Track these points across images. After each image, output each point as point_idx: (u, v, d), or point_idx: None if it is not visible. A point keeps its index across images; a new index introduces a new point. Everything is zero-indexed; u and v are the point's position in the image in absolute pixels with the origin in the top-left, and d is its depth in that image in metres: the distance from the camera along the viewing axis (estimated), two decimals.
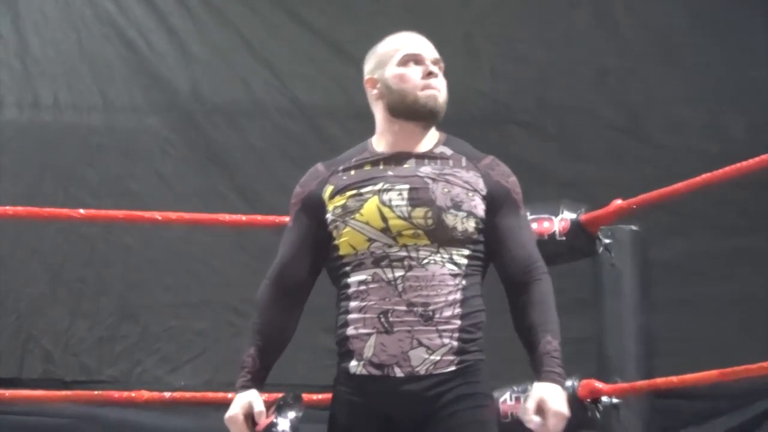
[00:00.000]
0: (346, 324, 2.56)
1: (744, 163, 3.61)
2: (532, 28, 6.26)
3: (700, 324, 5.68)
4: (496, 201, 2.59)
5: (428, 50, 2.65)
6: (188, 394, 4.76)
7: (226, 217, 4.64)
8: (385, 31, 2.78)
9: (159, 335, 5.73)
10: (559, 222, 3.86)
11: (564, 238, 3.85)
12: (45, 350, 5.66)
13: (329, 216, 2.56)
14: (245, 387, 2.53)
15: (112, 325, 5.71)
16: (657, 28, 6.34)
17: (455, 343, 2.52)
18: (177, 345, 5.76)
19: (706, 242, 5.88)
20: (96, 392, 4.94)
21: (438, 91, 2.55)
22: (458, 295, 2.52)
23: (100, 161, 5.77)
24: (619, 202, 3.85)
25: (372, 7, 6.17)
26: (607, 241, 4.03)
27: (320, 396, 3.57)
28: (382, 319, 2.58)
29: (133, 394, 4.26)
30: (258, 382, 2.55)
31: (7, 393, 4.56)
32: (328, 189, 2.59)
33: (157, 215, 4.52)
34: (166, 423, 5.53)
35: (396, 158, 2.60)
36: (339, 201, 2.55)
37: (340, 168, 2.63)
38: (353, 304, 2.57)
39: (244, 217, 4.74)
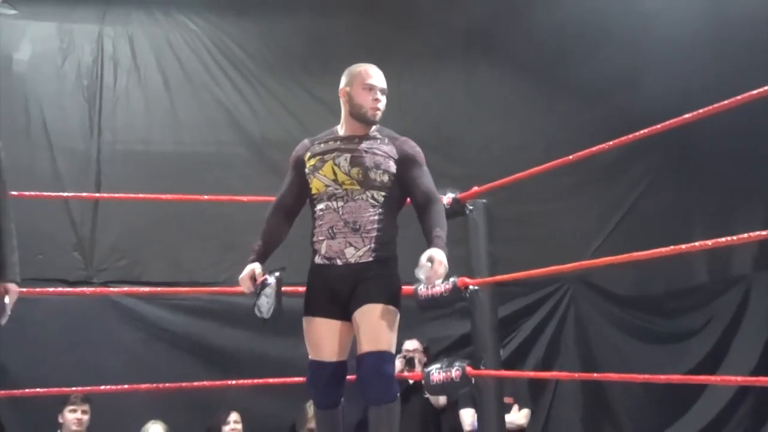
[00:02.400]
0: (312, 234, 3.30)
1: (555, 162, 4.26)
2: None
3: (521, 250, 6.38)
4: (404, 161, 3.30)
5: (381, 82, 3.32)
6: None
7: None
8: None
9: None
10: (446, 198, 4.40)
11: (449, 207, 4.34)
12: None
13: (306, 170, 3.32)
14: (252, 261, 3.29)
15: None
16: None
17: (373, 245, 3.22)
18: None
19: (525, 207, 6.69)
20: None
21: (379, 110, 3.30)
22: (375, 218, 3.24)
23: (211, 172, 6.19)
24: (476, 188, 4.61)
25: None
26: (470, 207, 4.65)
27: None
28: (330, 231, 3.26)
29: None
30: (260, 260, 3.30)
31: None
32: (307, 154, 3.34)
33: (244, 198, 5.23)
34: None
35: (348, 139, 3.31)
36: (312, 162, 3.30)
37: (316, 142, 3.37)
38: (317, 222, 3.30)
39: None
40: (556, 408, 6.76)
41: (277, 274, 3.22)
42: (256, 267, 3.26)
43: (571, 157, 4.24)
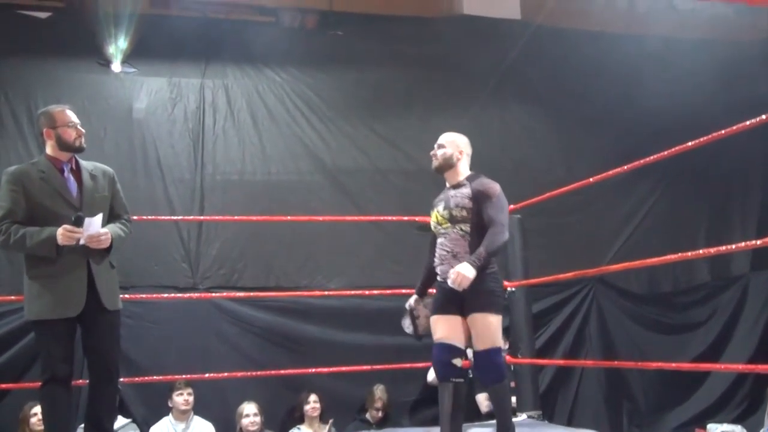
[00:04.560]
0: (433, 261, 3.59)
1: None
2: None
3: (553, 252, 6.33)
4: (477, 197, 3.42)
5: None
6: None
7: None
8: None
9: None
10: None
11: None
12: None
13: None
14: (416, 290, 3.75)
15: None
16: None
17: None
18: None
19: (551, 219, 6.51)
20: None
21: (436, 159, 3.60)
22: (465, 245, 3.43)
23: (293, 196, 6.24)
24: (511, 206, 4.17)
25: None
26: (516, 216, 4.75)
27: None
28: (440, 258, 3.51)
29: None
30: (419, 292, 3.73)
31: None
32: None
33: (320, 218, 5.73)
34: None
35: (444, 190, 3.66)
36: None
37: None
38: (436, 252, 3.55)
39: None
40: (582, 389, 6.74)
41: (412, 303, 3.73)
42: (414, 298, 3.74)
43: (591, 179, 4.39)
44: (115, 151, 5.84)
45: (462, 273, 3.24)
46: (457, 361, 3.44)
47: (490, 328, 3.39)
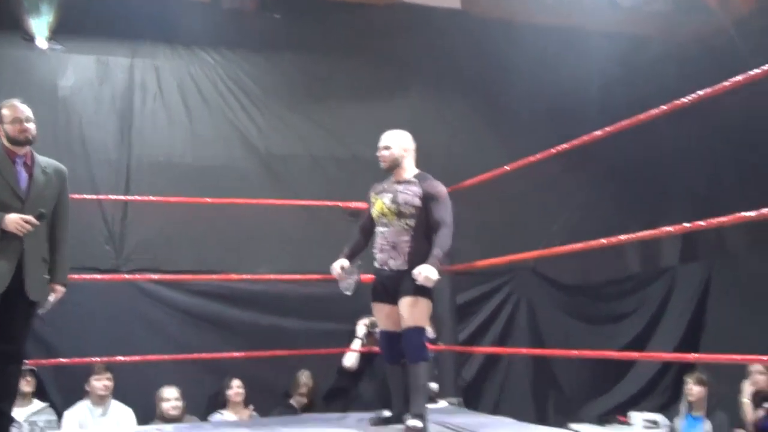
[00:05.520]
0: (374, 248, 3.81)
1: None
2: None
3: (485, 243, 6.13)
4: (427, 199, 3.66)
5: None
6: None
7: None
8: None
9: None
10: None
11: None
12: None
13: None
14: (342, 257, 3.84)
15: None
16: None
17: (406, 258, 3.63)
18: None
19: (482, 210, 6.33)
20: None
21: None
22: (408, 239, 3.65)
23: (223, 180, 6.14)
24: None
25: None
26: None
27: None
28: (380, 247, 3.73)
29: None
30: (348, 258, 3.84)
31: None
32: (372, 193, 3.85)
33: (249, 201, 5.49)
34: None
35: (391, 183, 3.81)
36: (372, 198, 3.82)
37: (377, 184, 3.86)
38: (376, 240, 3.79)
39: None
40: (509, 378, 6.79)
41: (359, 263, 3.89)
42: (344, 261, 3.84)
43: (507, 167, 4.41)
44: (38, 129, 5.59)
45: (428, 276, 3.47)
46: (427, 344, 3.74)
47: (416, 309, 3.59)
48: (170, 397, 5.15)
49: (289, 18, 6.48)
